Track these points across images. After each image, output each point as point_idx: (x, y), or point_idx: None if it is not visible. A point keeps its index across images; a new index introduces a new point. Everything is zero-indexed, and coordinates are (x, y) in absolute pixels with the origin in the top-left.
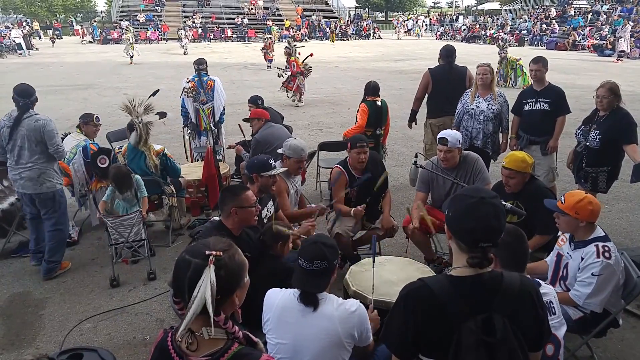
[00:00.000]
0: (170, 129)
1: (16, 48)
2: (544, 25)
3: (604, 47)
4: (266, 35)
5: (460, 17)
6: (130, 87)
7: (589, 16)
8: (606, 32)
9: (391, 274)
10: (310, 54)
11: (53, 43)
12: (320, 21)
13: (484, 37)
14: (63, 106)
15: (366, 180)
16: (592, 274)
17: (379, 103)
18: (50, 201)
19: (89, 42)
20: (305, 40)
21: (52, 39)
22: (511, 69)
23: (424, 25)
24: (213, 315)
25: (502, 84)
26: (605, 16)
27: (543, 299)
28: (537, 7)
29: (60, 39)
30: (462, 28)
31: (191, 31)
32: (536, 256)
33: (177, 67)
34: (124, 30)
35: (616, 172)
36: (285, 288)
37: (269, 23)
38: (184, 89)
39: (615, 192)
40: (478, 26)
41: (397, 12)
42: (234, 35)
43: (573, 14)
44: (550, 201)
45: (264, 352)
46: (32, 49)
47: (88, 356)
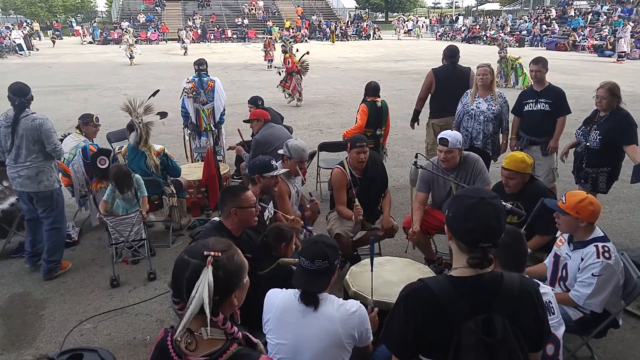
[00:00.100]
0: (170, 129)
1: (16, 49)
2: (544, 25)
3: (604, 48)
4: (266, 35)
5: (460, 18)
6: (130, 88)
7: (589, 17)
8: (606, 33)
9: (391, 274)
10: (307, 52)
11: (54, 43)
12: (320, 22)
13: (484, 38)
14: (63, 107)
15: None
16: (592, 275)
17: (379, 104)
18: (48, 200)
19: (89, 43)
20: (306, 40)
21: (53, 39)
22: (511, 69)
23: (424, 26)
24: (211, 315)
25: (503, 84)
26: (605, 17)
27: (543, 299)
28: (537, 8)
29: (61, 39)
30: (462, 29)
31: (191, 32)
32: (536, 256)
33: (177, 68)
34: (124, 31)
35: (616, 173)
36: (287, 288)
37: (269, 24)
38: (184, 90)
39: (615, 193)
40: (478, 27)
41: (397, 13)
42: (234, 35)
43: (573, 15)
44: (551, 201)
45: (263, 353)
46: (33, 50)
47: (88, 356)
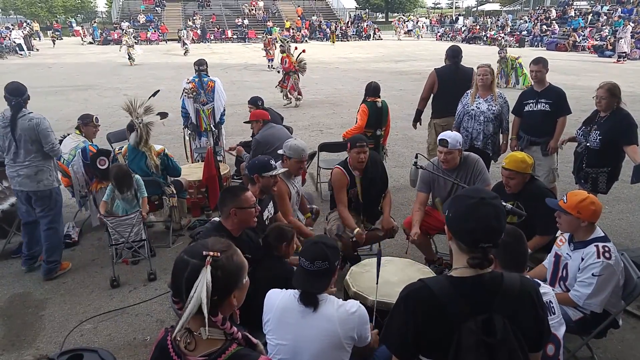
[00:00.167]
0: (170, 129)
1: (16, 49)
2: (544, 26)
3: (604, 48)
4: (266, 35)
5: (460, 18)
6: (130, 88)
7: (589, 17)
8: (606, 33)
9: (392, 274)
10: (303, 51)
11: (54, 43)
12: (320, 22)
13: (484, 38)
14: (63, 107)
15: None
16: (593, 275)
17: (379, 104)
18: (47, 199)
19: (89, 43)
20: (306, 41)
21: (53, 38)
22: (512, 69)
23: (424, 26)
24: (210, 315)
25: (504, 84)
26: (605, 17)
27: (543, 299)
28: (538, 8)
29: (60, 39)
30: (463, 29)
31: (191, 32)
32: (536, 257)
33: (178, 68)
34: (124, 32)
35: (616, 173)
36: (287, 289)
37: (269, 24)
38: (184, 90)
39: (616, 193)
40: (478, 27)
41: (398, 13)
42: (234, 36)
43: (573, 15)
44: (552, 200)
45: (263, 354)
46: (32, 50)
47: (88, 357)
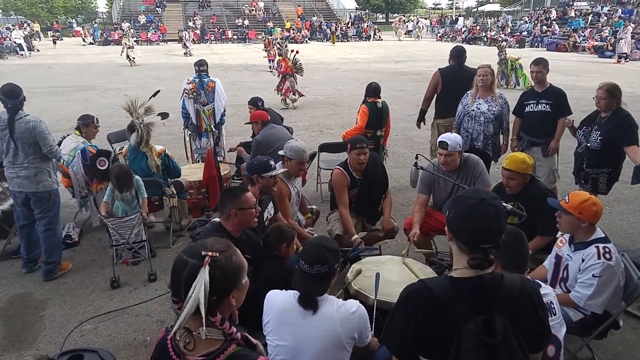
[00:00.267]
0: (170, 130)
1: (17, 49)
2: (545, 26)
3: (605, 49)
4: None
5: (460, 19)
6: (131, 89)
7: (589, 18)
8: (607, 34)
9: (392, 274)
10: (296, 52)
11: (55, 43)
12: (321, 23)
13: (485, 39)
14: (64, 107)
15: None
16: (593, 276)
17: (379, 104)
18: (46, 201)
19: (90, 44)
20: (306, 41)
21: (54, 38)
22: (512, 70)
23: (423, 27)
24: (209, 315)
25: (504, 85)
26: (605, 18)
27: (543, 300)
28: (538, 9)
29: (61, 40)
30: (463, 29)
31: (192, 32)
32: (537, 257)
33: (178, 69)
34: (124, 33)
35: (617, 174)
36: (287, 289)
37: (270, 24)
38: (184, 90)
39: (616, 194)
40: (478, 28)
41: (398, 14)
42: (234, 36)
43: (573, 16)
44: (554, 200)
45: (263, 355)
46: (33, 51)
47: (89, 357)
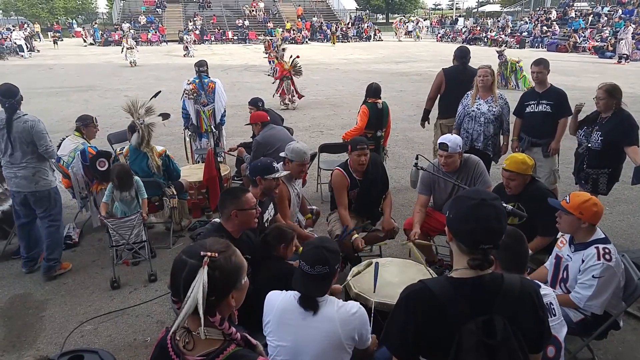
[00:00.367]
0: (171, 130)
1: (17, 50)
2: (545, 27)
3: (605, 49)
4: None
5: (460, 19)
6: (131, 89)
7: (589, 18)
8: (607, 34)
9: (392, 275)
10: (297, 56)
11: (55, 44)
12: (321, 23)
13: (485, 39)
14: (64, 108)
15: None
16: (593, 276)
17: (379, 105)
18: (46, 199)
19: (90, 44)
20: (306, 42)
21: (55, 39)
22: (511, 72)
23: (423, 28)
24: (207, 316)
25: (504, 85)
26: (606, 18)
27: (543, 301)
28: (538, 9)
29: (61, 40)
30: (463, 30)
31: (193, 34)
32: (537, 258)
33: (178, 69)
34: (124, 33)
35: (617, 174)
36: (287, 290)
37: (270, 25)
38: (184, 91)
39: (616, 194)
40: (479, 28)
41: (398, 14)
42: (234, 37)
43: (574, 16)
44: (555, 200)
45: (262, 355)
46: (33, 51)
47: (89, 358)
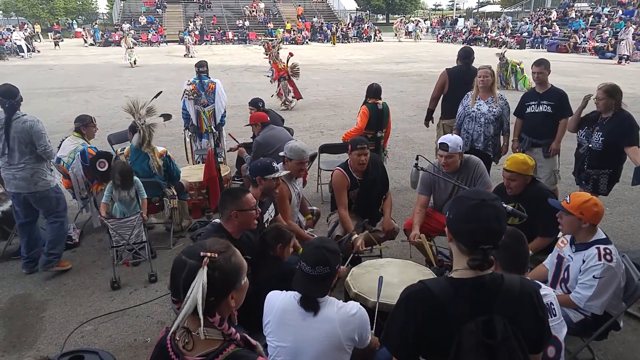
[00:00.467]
0: (171, 131)
1: (17, 50)
2: (545, 27)
3: (605, 50)
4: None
5: (459, 20)
6: (131, 90)
7: (590, 19)
8: (607, 35)
9: (392, 276)
10: (290, 54)
11: (56, 45)
12: (321, 23)
13: (485, 40)
14: (64, 108)
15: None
16: (594, 277)
17: (380, 106)
18: (47, 199)
19: (91, 45)
20: (307, 42)
21: (56, 40)
22: (512, 73)
23: (423, 29)
24: (207, 316)
25: (503, 86)
26: (606, 19)
27: (543, 301)
28: (538, 10)
29: (61, 41)
30: (463, 31)
31: (193, 35)
32: (537, 258)
33: (178, 70)
34: (125, 33)
35: (617, 175)
36: (287, 290)
37: (270, 25)
38: (185, 91)
39: (617, 195)
40: (479, 29)
41: (399, 15)
42: (235, 37)
43: (574, 17)
44: (555, 200)
45: (262, 356)
46: (34, 52)
47: (89, 358)
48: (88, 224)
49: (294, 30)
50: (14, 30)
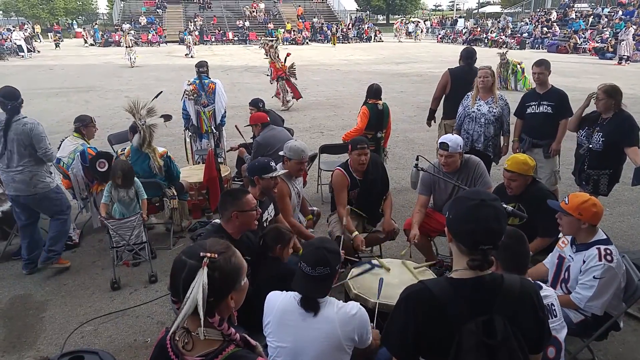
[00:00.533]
0: (171, 131)
1: (17, 50)
2: (545, 28)
3: (605, 50)
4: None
5: (460, 20)
6: (131, 90)
7: (590, 19)
8: (607, 35)
9: (392, 277)
10: (287, 54)
11: (57, 46)
12: (322, 24)
13: (485, 40)
14: (64, 109)
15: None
16: (594, 277)
17: (380, 106)
18: (47, 200)
19: (91, 45)
20: (307, 42)
21: (56, 41)
22: (512, 73)
23: (422, 29)
24: (207, 316)
25: (503, 87)
26: (606, 19)
27: (543, 301)
28: (538, 10)
29: (61, 41)
30: (464, 31)
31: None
32: (537, 259)
33: (179, 70)
34: (125, 33)
35: (617, 175)
36: (287, 291)
37: (270, 26)
38: (185, 92)
39: (617, 195)
40: (479, 29)
41: (399, 15)
42: (235, 38)
43: (574, 17)
44: (554, 202)
45: (262, 356)
46: (34, 52)
47: (89, 358)
48: (88, 224)
49: (294, 31)
50: (13, 31)
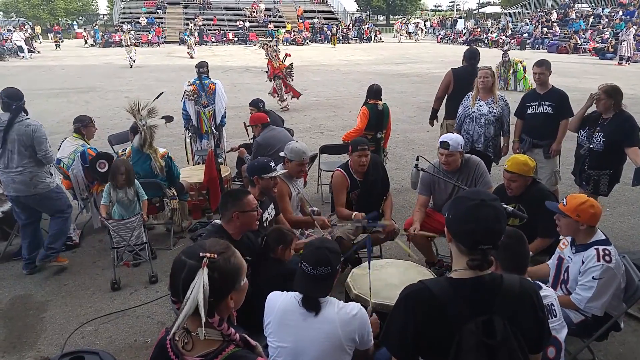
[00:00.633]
0: (171, 132)
1: (17, 51)
2: (545, 28)
3: (606, 51)
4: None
5: (459, 21)
6: (131, 90)
7: (590, 19)
8: (607, 36)
9: (392, 277)
10: (286, 54)
11: (57, 47)
12: (322, 24)
13: (486, 41)
14: (65, 109)
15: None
16: (593, 278)
17: (380, 107)
18: (48, 200)
19: (91, 45)
20: (307, 43)
21: (57, 42)
22: (512, 73)
23: (422, 30)
24: (207, 316)
25: (503, 87)
26: (606, 19)
27: (543, 302)
28: (539, 10)
29: (62, 42)
30: (464, 31)
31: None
32: (538, 259)
33: (179, 70)
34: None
35: (618, 175)
36: (287, 291)
37: (270, 26)
38: (185, 92)
39: (617, 196)
40: (479, 29)
41: (399, 16)
42: (235, 38)
43: (574, 17)
44: (552, 203)
45: (261, 356)
46: (34, 52)
47: (89, 359)
48: (88, 224)
49: (294, 31)
50: (14, 31)
